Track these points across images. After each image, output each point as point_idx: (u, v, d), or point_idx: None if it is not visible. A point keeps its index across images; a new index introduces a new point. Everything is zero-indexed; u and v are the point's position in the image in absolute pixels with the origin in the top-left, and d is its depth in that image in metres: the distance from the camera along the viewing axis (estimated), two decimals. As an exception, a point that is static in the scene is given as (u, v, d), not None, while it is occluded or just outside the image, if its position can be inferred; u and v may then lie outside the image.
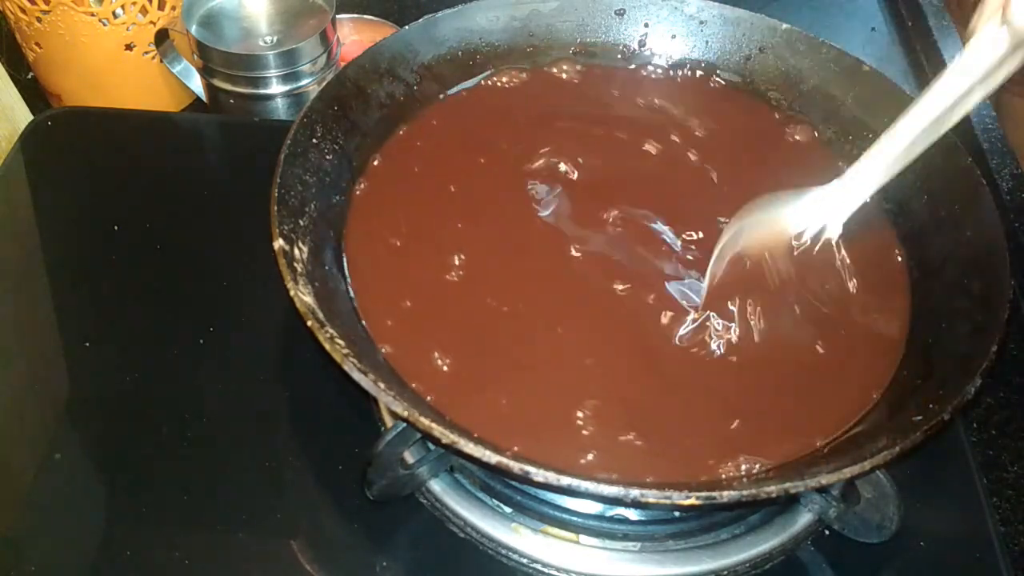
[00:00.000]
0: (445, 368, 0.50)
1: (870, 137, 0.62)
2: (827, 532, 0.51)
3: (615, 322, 0.53)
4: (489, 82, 0.66)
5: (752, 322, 0.53)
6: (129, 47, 0.74)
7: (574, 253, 0.56)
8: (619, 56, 0.68)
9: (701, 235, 0.57)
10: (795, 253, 0.55)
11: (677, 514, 0.51)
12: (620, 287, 0.54)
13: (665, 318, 0.53)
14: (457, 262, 0.55)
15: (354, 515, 0.51)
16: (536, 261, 0.56)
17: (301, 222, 0.51)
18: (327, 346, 0.43)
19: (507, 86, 0.66)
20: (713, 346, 0.52)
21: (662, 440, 0.48)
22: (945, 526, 0.52)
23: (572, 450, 0.46)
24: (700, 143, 0.63)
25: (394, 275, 0.54)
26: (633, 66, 0.68)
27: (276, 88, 0.73)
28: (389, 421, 0.54)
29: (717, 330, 0.52)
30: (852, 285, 0.55)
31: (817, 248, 0.55)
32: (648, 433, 0.48)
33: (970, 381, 0.44)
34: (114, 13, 0.72)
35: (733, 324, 0.52)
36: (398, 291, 0.53)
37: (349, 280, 0.54)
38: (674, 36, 0.68)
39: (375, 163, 0.60)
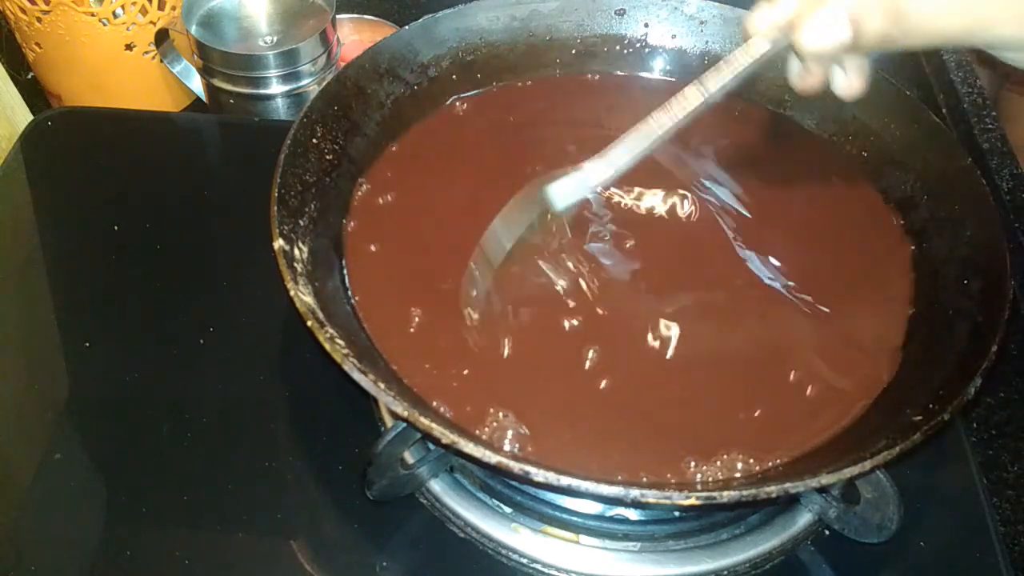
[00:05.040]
0: (440, 367, 0.50)
1: (871, 139, 0.62)
2: (827, 532, 0.51)
3: (615, 324, 0.53)
4: (495, 89, 0.66)
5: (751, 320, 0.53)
6: (129, 47, 0.74)
7: (572, 264, 0.56)
8: (619, 57, 0.68)
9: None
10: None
11: (677, 514, 0.51)
12: (614, 295, 0.54)
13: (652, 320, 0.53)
14: (455, 265, 0.55)
15: (354, 515, 0.51)
16: (537, 268, 0.56)
17: (301, 222, 0.51)
18: (327, 346, 0.43)
19: (513, 93, 0.66)
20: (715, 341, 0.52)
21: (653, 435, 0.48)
22: (945, 526, 0.52)
23: (570, 449, 0.47)
24: (704, 150, 0.64)
25: (393, 276, 0.54)
26: (635, 70, 0.68)
27: (276, 88, 0.73)
28: (389, 421, 0.54)
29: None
30: (853, 285, 0.55)
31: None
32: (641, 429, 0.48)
33: (970, 381, 0.44)
34: (114, 13, 0.72)
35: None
36: (398, 292, 0.53)
37: (349, 280, 0.54)
38: (674, 36, 0.68)
39: (376, 164, 0.60)
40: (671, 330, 0.52)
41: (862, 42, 0.42)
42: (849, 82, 0.46)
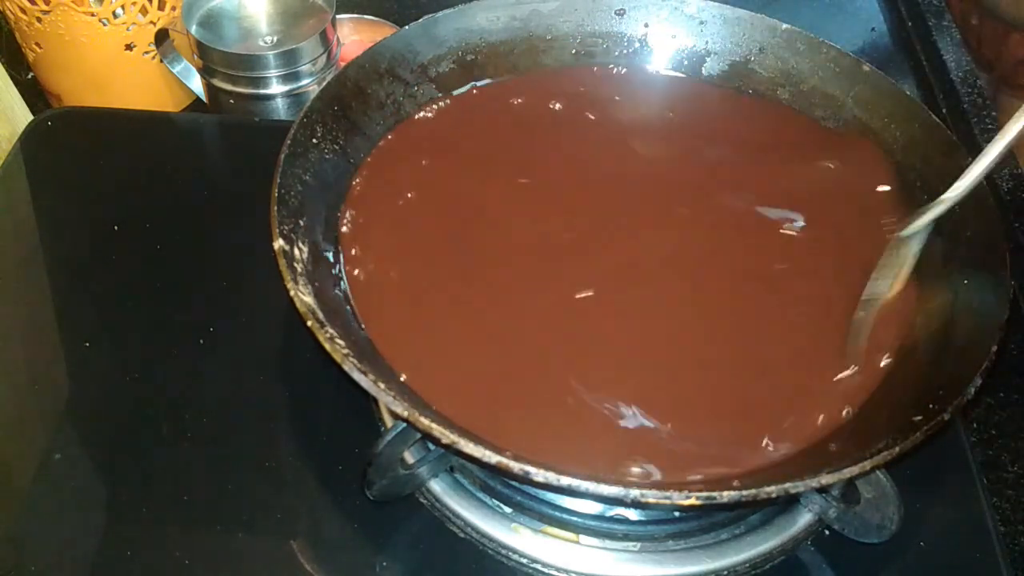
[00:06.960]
0: (444, 368, 0.50)
1: (872, 138, 0.62)
2: (827, 532, 0.51)
3: (614, 319, 0.53)
4: (493, 86, 0.66)
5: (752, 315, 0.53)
6: (129, 47, 0.74)
7: (570, 262, 0.56)
8: (619, 56, 0.68)
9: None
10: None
11: (677, 514, 0.51)
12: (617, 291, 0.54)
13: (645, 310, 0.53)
14: (457, 263, 0.55)
15: (354, 515, 0.51)
16: (538, 265, 0.56)
17: (301, 222, 0.51)
18: (327, 346, 0.43)
19: (511, 90, 0.66)
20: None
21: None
22: (945, 526, 0.52)
23: (572, 445, 0.47)
24: (703, 147, 0.64)
25: (393, 275, 0.54)
26: (635, 69, 0.68)
27: (276, 88, 0.73)
28: (389, 421, 0.54)
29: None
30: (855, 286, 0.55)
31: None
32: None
33: (970, 381, 0.44)
34: (114, 13, 0.72)
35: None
36: (397, 291, 0.53)
37: (348, 280, 0.54)
38: (674, 36, 0.68)
39: (376, 164, 0.60)
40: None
41: None
42: None
